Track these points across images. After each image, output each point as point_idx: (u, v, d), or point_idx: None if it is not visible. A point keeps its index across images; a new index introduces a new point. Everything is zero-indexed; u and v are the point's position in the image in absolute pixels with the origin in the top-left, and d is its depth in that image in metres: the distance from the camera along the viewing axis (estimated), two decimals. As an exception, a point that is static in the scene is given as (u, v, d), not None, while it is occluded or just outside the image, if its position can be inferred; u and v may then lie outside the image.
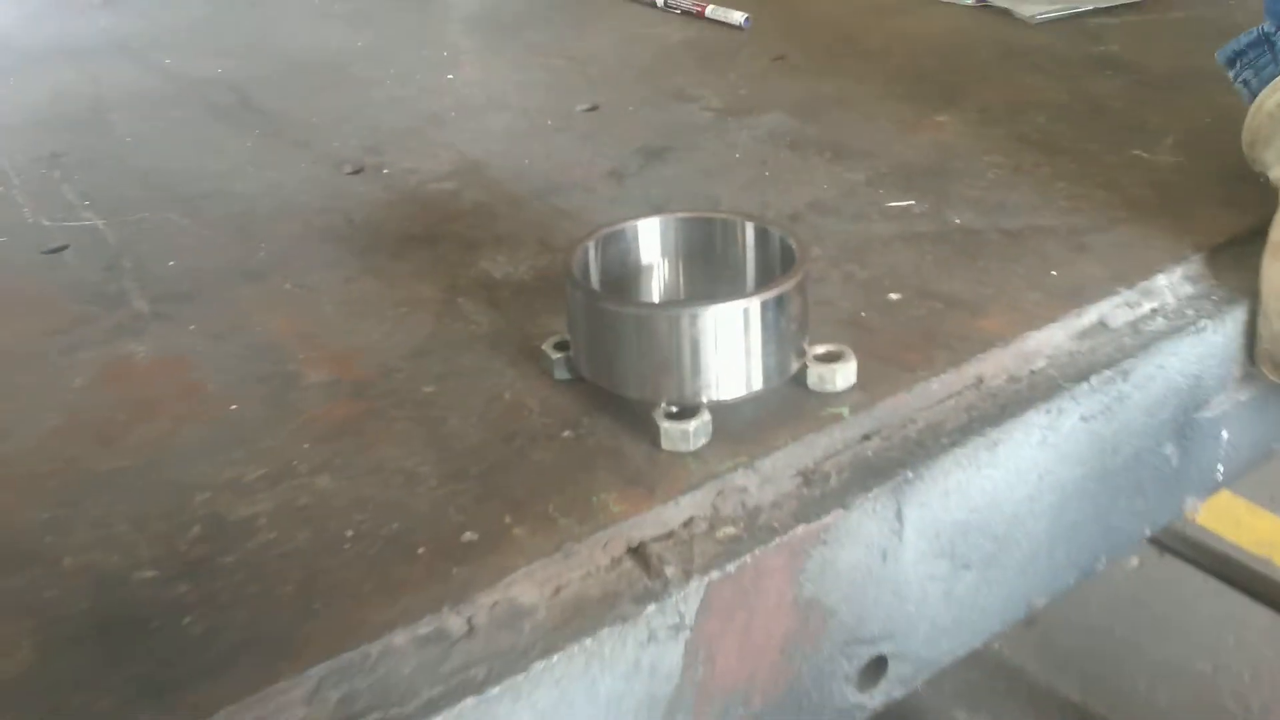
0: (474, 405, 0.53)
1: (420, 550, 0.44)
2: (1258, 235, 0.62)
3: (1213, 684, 1.64)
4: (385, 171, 0.81)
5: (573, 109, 0.91)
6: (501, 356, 0.57)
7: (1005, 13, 1.08)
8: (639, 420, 0.51)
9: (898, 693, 0.53)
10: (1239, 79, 0.70)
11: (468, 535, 0.45)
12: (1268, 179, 0.65)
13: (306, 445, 0.51)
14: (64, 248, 0.71)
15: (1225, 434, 0.64)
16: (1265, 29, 0.69)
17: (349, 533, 0.45)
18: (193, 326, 0.62)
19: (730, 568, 0.45)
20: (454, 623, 0.42)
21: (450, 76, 1.01)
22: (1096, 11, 1.06)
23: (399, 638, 0.41)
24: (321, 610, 0.42)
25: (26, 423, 0.54)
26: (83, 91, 1.00)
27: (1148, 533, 0.64)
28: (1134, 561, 1.74)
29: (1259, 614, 1.61)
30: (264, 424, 0.53)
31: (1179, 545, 1.53)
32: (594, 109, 0.91)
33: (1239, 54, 0.70)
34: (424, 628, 0.41)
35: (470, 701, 0.39)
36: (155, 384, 0.57)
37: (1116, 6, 1.07)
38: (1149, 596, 1.74)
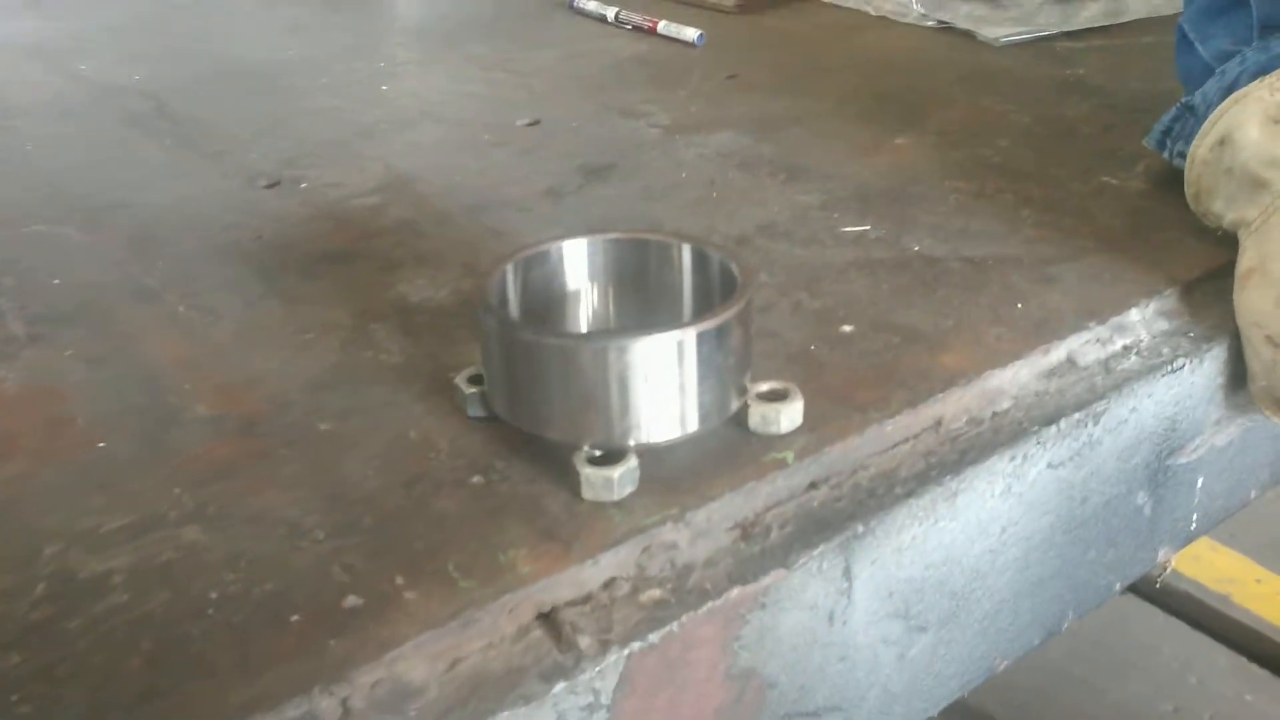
0: (375, 445, 0.47)
1: (294, 618, 0.38)
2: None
3: (1173, 725, 1.61)
4: (303, 185, 0.75)
5: (512, 123, 0.86)
6: (411, 389, 0.51)
7: (968, 35, 1.04)
8: (558, 465, 0.45)
9: (845, 767, 0.48)
10: (1174, 155, 0.69)
11: (351, 600, 0.39)
12: (1224, 231, 0.61)
13: (178, 490, 0.45)
14: (-61, 263, 0.65)
15: (1201, 481, 0.59)
16: (1184, 101, 0.68)
17: (213, 595, 0.39)
18: (70, 351, 0.55)
19: (654, 637, 0.39)
20: (326, 705, 0.36)
21: (384, 88, 0.96)
22: (1063, 35, 1.03)
23: (259, 724, 0.35)
24: (169, 690, 0.36)
25: None
26: (-12, 96, 0.94)
27: (1118, 588, 0.59)
28: (1090, 611, 1.70)
29: (1221, 654, 1.58)
30: (134, 464, 0.47)
31: (1140, 584, 1.49)
32: (535, 124, 0.86)
33: (1166, 131, 0.69)
34: (290, 712, 0.35)
35: (339, 803, 0.33)
36: (18, 416, 0.51)
37: (1084, 31, 1.04)
38: (1110, 636, 1.71)
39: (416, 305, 0.59)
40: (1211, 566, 1.85)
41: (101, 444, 0.48)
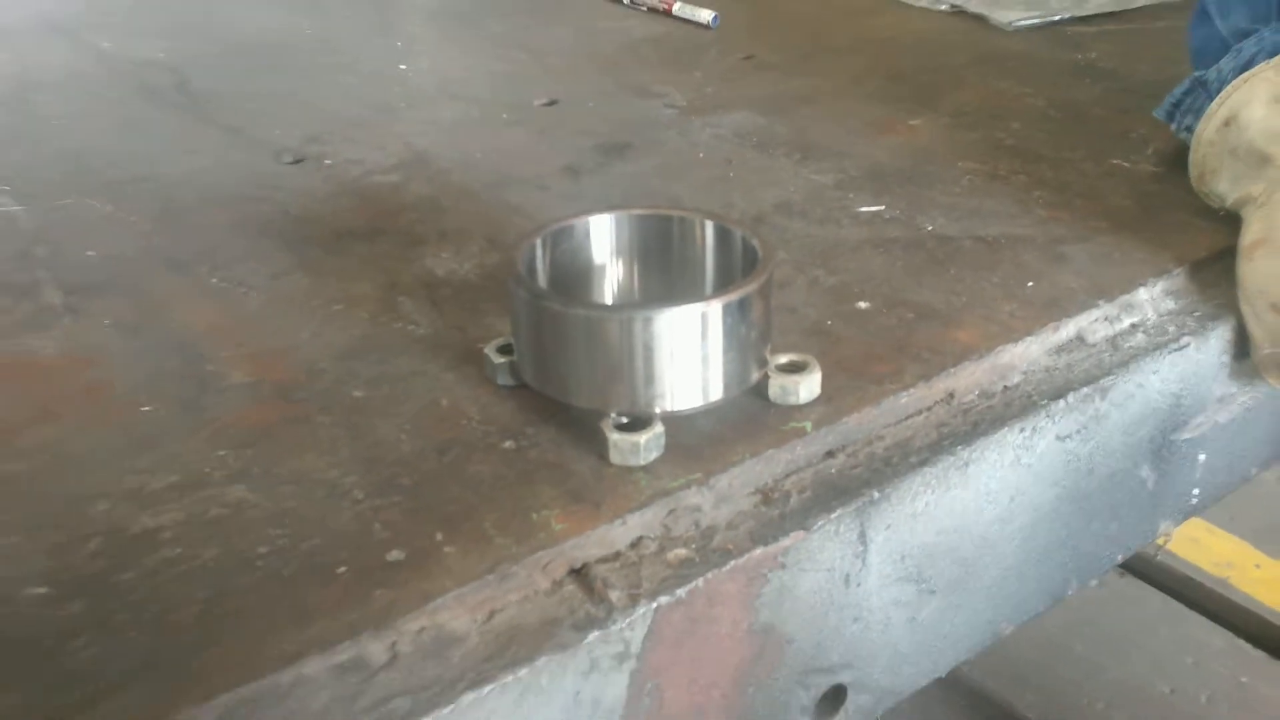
0: (407, 412, 0.49)
1: (340, 570, 0.40)
2: (1241, 249, 0.59)
3: (1170, 705, 1.63)
4: (327, 162, 0.76)
5: (530, 102, 0.87)
6: (440, 360, 0.53)
7: (980, 19, 1.06)
8: (586, 431, 0.47)
9: (856, 723, 0.50)
10: (1181, 128, 0.70)
11: (394, 554, 0.41)
12: (1227, 211, 0.63)
13: (221, 452, 0.47)
14: (-25, 234, 0.67)
15: (1203, 457, 0.61)
16: (1197, 75, 0.69)
17: (262, 549, 0.41)
18: (107, 321, 0.57)
19: (681, 592, 0.41)
20: (374, 650, 0.38)
21: (403, 66, 0.97)
22: (1075, 20, 1.04)
23: (312, 666, 0.37)
24: (226, 635, 0.37)
25: (-86, 421, 0.50)
26: (8, 71, 0.95)
27: (1119, 558, 0.61)
28: (1092, 580, 1.72)
29: (1218, 635, 1.60)
30: (176, 428, 0.48)
31: (1139, 565, 1.51)
32: (552, 103, 0.87)
33: (1176, 104, 0.71)
34: (340, 655, 0.37)
35: (387, 741, 0.35)
36: (60, 382, 0.52)
37: (1096, 15, 1.05)
38: (1109, 616, 1.72)
39: (442, 279, 0.61)
40: (1210, 550, 1.87)
41: (144, 408, 0.50)
